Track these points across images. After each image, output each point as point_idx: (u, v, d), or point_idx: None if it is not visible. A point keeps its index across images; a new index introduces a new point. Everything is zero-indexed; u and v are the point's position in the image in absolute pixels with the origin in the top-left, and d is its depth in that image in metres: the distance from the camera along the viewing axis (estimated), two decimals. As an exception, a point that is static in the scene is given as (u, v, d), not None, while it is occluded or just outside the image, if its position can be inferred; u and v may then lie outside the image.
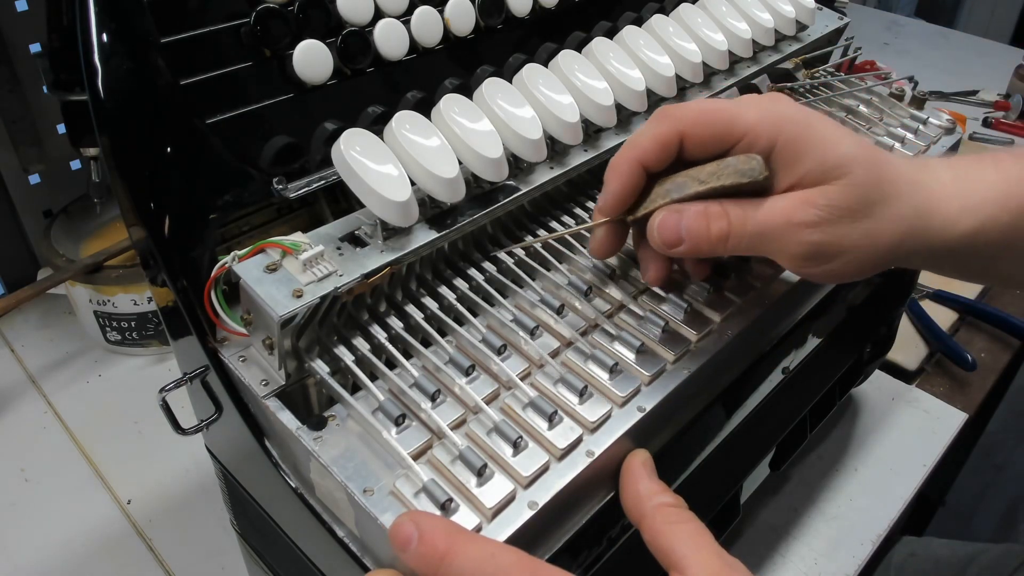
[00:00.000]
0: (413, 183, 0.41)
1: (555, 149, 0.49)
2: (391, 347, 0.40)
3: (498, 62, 0.52)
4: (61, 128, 0.85)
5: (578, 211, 0.50)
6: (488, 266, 0.45)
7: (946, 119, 0.62)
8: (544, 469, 0.35)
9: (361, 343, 0.40)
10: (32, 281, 0.84)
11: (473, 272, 0.45)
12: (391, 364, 0.39)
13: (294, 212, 0.48)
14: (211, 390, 0.41)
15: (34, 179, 0.87)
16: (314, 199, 0.47)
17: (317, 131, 0.44)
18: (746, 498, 0.60)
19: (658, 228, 0.39)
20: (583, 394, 0.38)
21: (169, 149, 0.39)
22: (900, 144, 0.59)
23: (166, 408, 0.41)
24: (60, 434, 0.76)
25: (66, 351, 0.85)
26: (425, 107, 0.44)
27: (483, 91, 0.45)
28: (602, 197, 0.41)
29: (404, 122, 0.42)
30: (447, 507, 0.33)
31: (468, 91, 0.46)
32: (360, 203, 0.40)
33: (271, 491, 0.43)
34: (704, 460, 0.47)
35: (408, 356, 0.40)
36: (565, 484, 0.35)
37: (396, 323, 0.41)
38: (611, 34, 0.53)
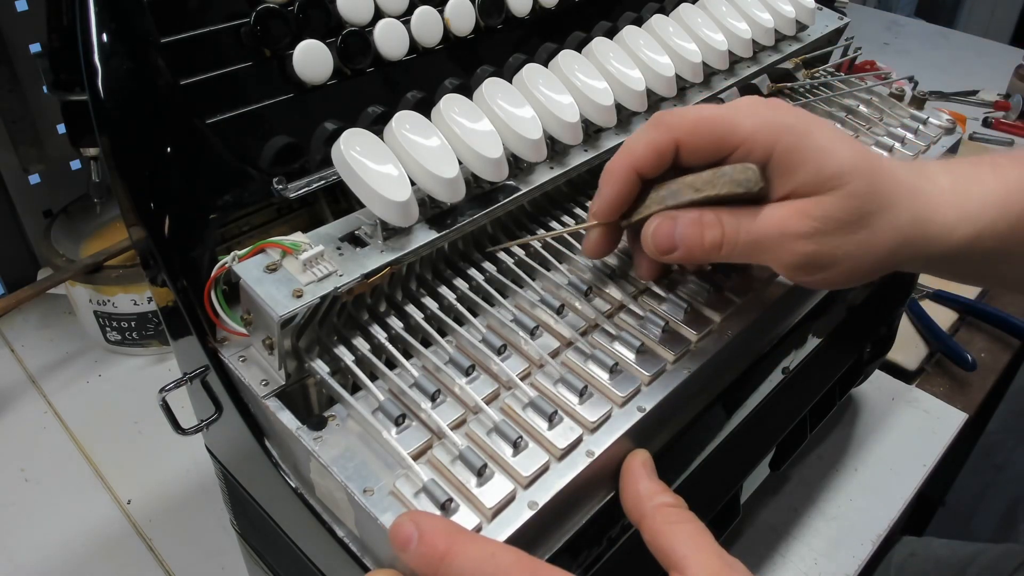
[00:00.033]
0: (413, 183, 0.41)
1: (555, 149, 0.49)
2: (391, 347, 0.40)
3: (498, 62, 0.52)
4: (61, 128, 0.85)
5: (578, 211, 0.50)
6: (488, 266, 0.45)
7: (946, 119, 0.63)
8: (544, 469, 0.35)
9: (361, 343, 0.40)
10: (32, 281, 0.84)
11: (473, 272, 0.45)
12: (391, 364, 0.39)
13: (294, 212, 0.48)
14: (211, 390, 0.41)
15: (34, 179, 0.87)
16: (314, 199, 0.47)
17: (317, 131, 0.44)
18: (746, 498, 0.60)
19: (652, 235, 0.39)
20: (583, 394, 0.38)
21: (169, 149, 0.39)
22: (900, 144, 0.59)
23: (166, 408, 0.41)
24: (60, 434, 0.76)
25: (66, 351, 0.85)
26: (425, 107, 0.44)
27: (483, 91, 0.45)
28: (596, 201, 0.41)
29: (404, 122, 0.42)
30: (447, 507, 0.33)
31: (468, 91, 0.46)
32: (360, 203, 0.40)
33: (271, 491, 0.43)
34: (704, 460, 0.47)
35: (408, 356, 0.40)
36: (565, 484, 0.35)
37: (396, 323, 0.41)
38: (611, 34, 0.53)
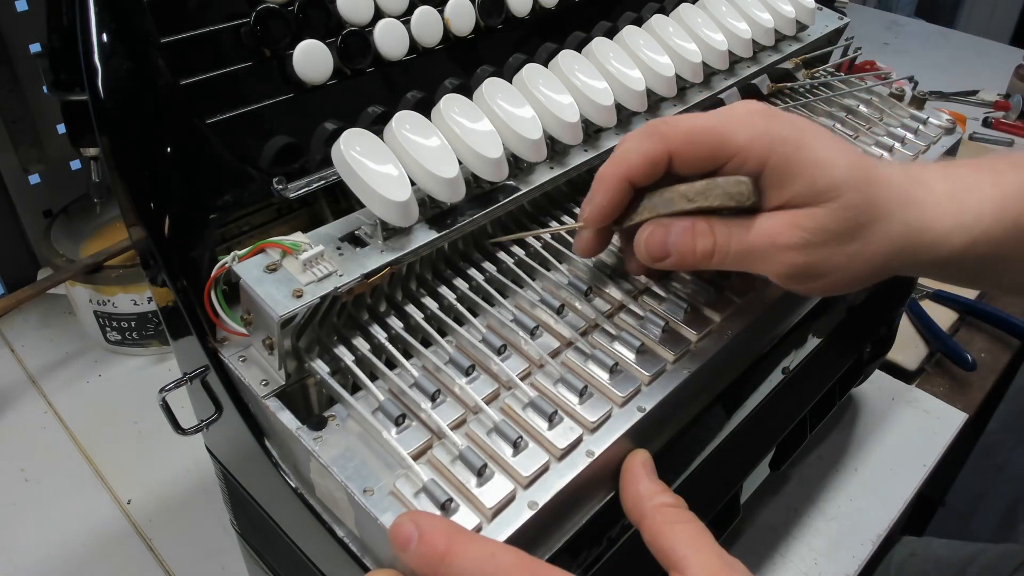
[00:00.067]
0: (413, 183, 0.41)
1: (555, 149, 0.49)
2: (391, 347, 0.40)
3: (498, 62, 0.52)
4: (61, 128, 0.85)
5: (578, 211, 0.50)
6: (488, 266, 0.45)
7: (946, 119, 0.63)
8: (544, 469, 0.35)
9: (361, 343, 0.40)
10: (32, 281, 0.84)
11: (473, 272, 0.45)
12: (391, 364, 0.39)
13: (294, 212, 0.48)
14: (211, 390, 0.41)
15: (34, 179, 0.87)
16: (314, 199, 0.47)
17: (317, 131, 0.44)
18: (746, 498, 0.60)
19: (646, 242, 0.39)
20: (583, 394, 0.38)
21: (169, 149, 0.39)
22: (900, 144, 0.59)
23: (166, 408, 0.41)
24: (60, 434, 0.76)
25: (66, 351, 0.85)
26: (425, 107, 0.44)
27: (483, 91, 0.45)
28: (588, 207, 0.41)
29: (404, 122, 0.42)
30: (447, 507, 0.33)
31: (468, 91, 0.46)
32: (360, 203, 0.40)
33: (271, 491, 0.43)
34: (704, 460, 0.47)
35: (408, 356, 0.40)
36: (565, 484, 0.35)
37: (396, 323, 0.41)
38: (611, 34, 0.53)
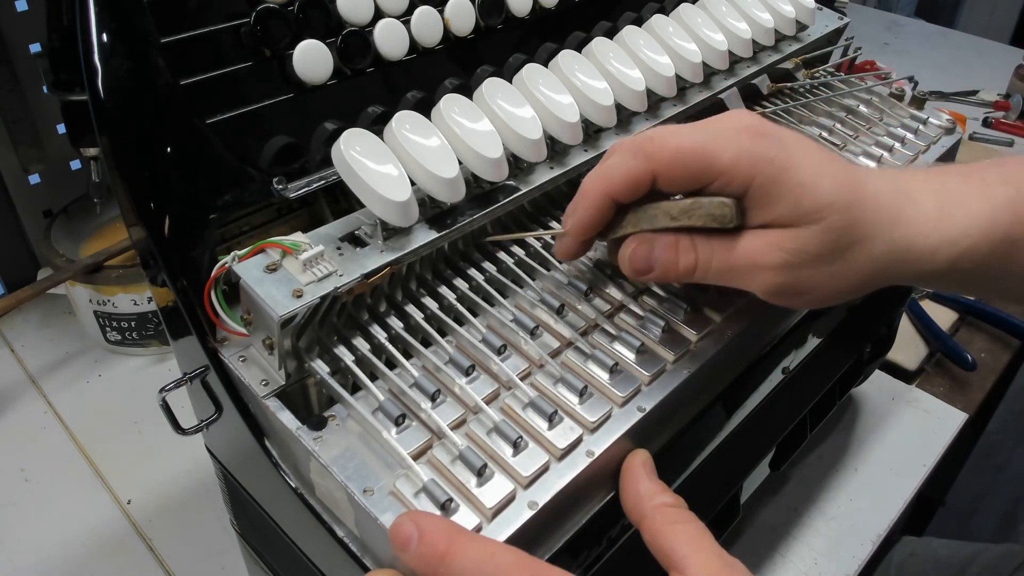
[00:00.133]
0: (413, 183, 0.41)
1: (555, 149, 0.49)
2: (391, 347, 0.40)
3: (498, 62, 0.52)
4: (61, 128, 0.85)
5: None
6: (488, 266, 0.45)
7: (946, 119, 0.63)
8: (544, 469, 0.35)
9: (361, 343, 0.40)
10: (32, 281, 0.84)
11: (473, 272, 0.45)
12: (391, 364, 0.39)
13: (294, 212, 0.48)
14: (211, 390, 0.41)
15: (34, 179, 0.87)
16: (314, 199, 0.47)
17: (317, 131, 0.44)
18: (746, 498, 0.60)
19: (630, 258, 0.40)
20: (583, 394, 0.38)
21: (169, 149, 0.39)
22: (900, 144, 0.59)
23: (166, 408, 0.41)
24: (60, 434, 0.76)
25: (66, 351, 0.85)
26: (425, 107, 0.44)
27: (483, 91, 0.45)
28: (571, 218, 0.41)
29: (404, 122, 0.42)
30: (447, 507, 0.33)
31: (468, 91, 0.46)
32: (360, 203, 0.40)
33: (271, 491, 0.43)
34: (704, 460, 0.47)
35: (408, 356, 0.40)
36: (565, 484, 0.35)
37: (396, 323, 0.41)
38: (611, 34, 0.53)
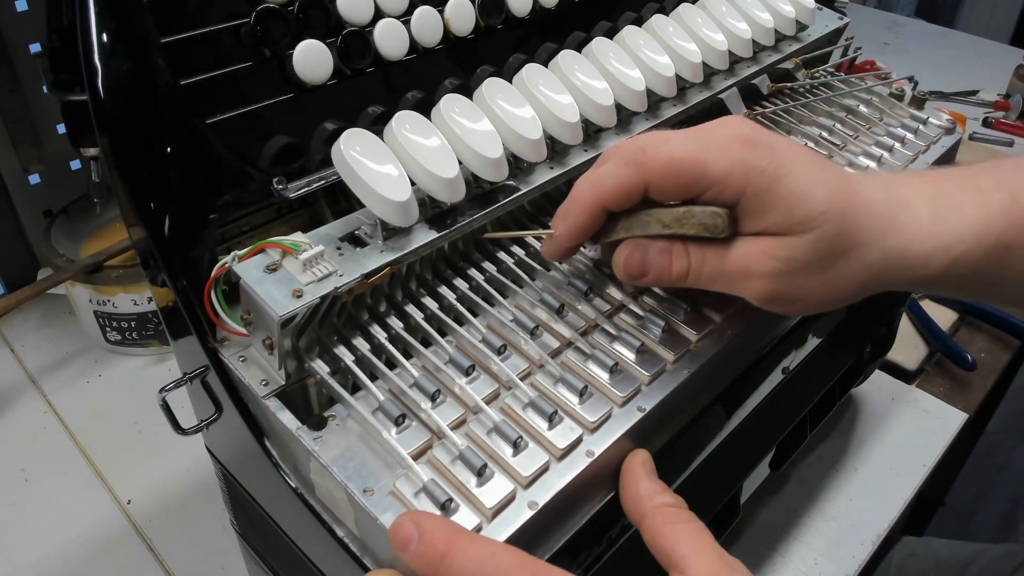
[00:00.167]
0: (413, 183, 0.41)
1: (555, 149, 0.49)
2: (391, 347, 0.40)
3: (498, 62, 0.52)
4: (61, 128, 0.85)
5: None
6: (488, 266, 0.45)
7: (946, 119, 0.63)
8: (544, 469, 0.35)
9: (361, 343, 0.40)
10: (32, 281, 0.84)
11: (473, 272, 0.45)
12: (391, 364, 0.39)
13: (294, 212, 0.48)
14: (211, 390, 0.41)
15: (34, 179, 0.87)
16: (314, 199, 0.47)
17: (317, 131, 0.44)
18: (746, 498, 0.60)
19: (624, 263, 0.40)
20: (583, 394, 0.38)
21: (169, 149, 0.39)
22: (900, 144, 0.59)
23: (166, 408, 0.41)
24: (60, 434, 0.76)
25: (66, 351, 0.85)
26: (425, 107, 0.44)
27: (483, 91, 0.45)
28: (561, 223, 0.41)
29: (404, 122, 0.42)
30: (447, 507, 0.33)
31: (468, 91, 0.46)
32: (360, 203, 0.40)
33: (271, 491, 0.43)
34: (704, 460, 0.47)
35: (408, 356, 0.40)
36: (565, 484, 0.35)
37: (396, 323, 0.41)
38: (611, 34, 0.53)
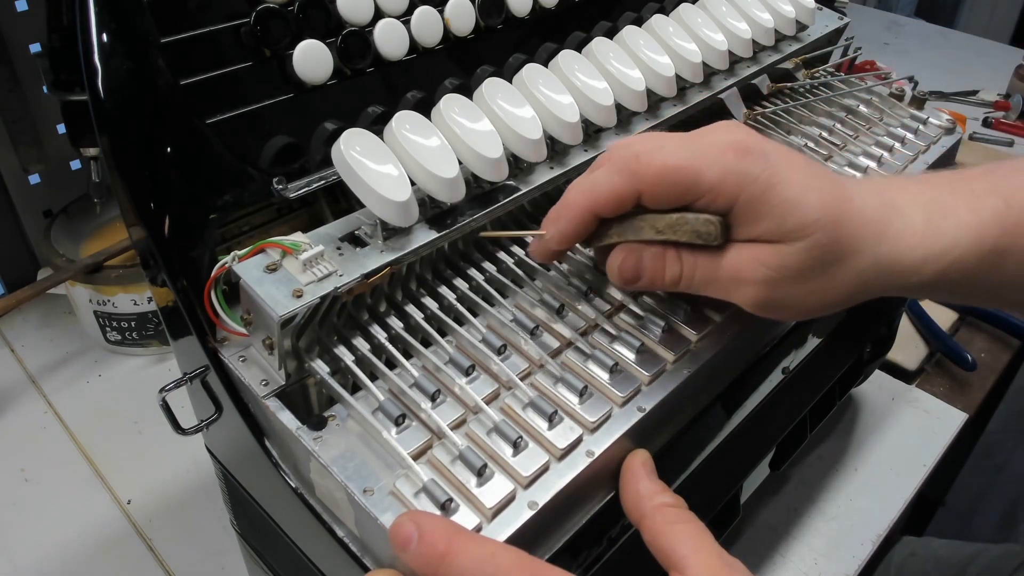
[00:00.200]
0: (413, 183, 0.41)
1: (555, 149, 0.49)
2: (391, 347, 0.40)
3: (498, 62, 0.52)
4: (61, 128, 0.85)
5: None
6: (488, 266, 0.45)
7: (946, 119, 0.63)
8: (544, 469, 0.35)
9: (361, 343, 0.40)
10: (32, 281, 0.84)
11: (473, 272, 0.45)
12: (391, 364, 0.39)
13: (294, 212, 0.48)
14: (211, 390, 0.41)
15: (34, 179, 0.87)
16: (314, 199, 0.47)
17: (317, 131, 0.44)
18: (746, 498, 0.60)
19: (619, 267, 0.40)
20: (583, 394, 0.38)
21: (169, 149, 0.39)
22: (900, 144, 0.59)
23: (166, 408, 0.41)
24: (60, 434, 0.76)
25: (66, 351, 0.85)
26: (425, 107, 0.44)
27: (483, 91, 0.45)
28: (552, 226, 0.40)
29: (404, 122, 0.42)
30: (447, 507, 0.33)
31: (468, 91, 0.46)
32: (360, 203, 0.40)
33: (271, 491, 0.43)
34: (704, 460, 0.47)
35: (408, 356, 0.40)
36: (565, 484, 0.35)
37: (396, 323, 0.41)
38: (611, 34, 0.53)
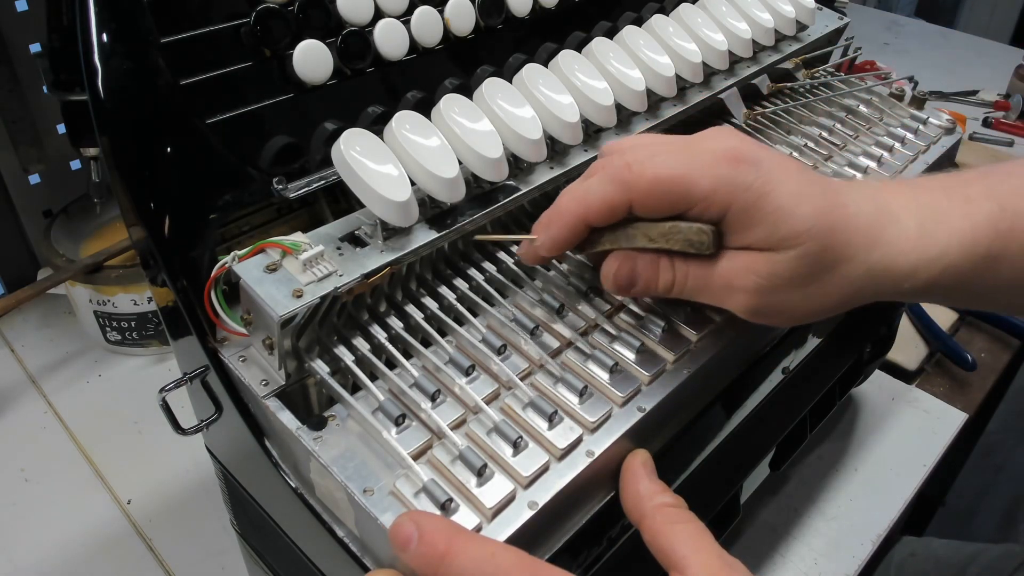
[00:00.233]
0: (413, 183, 0.41)
1: (555, 149, 0.49)
2: (391, 347, 0.40)
3: (498, 62, 0.52)
4: (61, 128, 0.85)
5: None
6: (488, 266, 0.45)
7: (946, 119, 0.63)
8: (544, 469, 0.35)
9: (361, 343, 0.40)
10: (32, 281, 0.84)
11: (473, 272, 0.45)
12: (391, 364, 0.39)
13: (294, 212, 0.48)
14: (211, 390, 0.41)
15: (34, 179, 0.87)
16: (314, 199, 0.47)
17: (317, 131, 0.44)
18: (746, 498, 0.60)
19: (614, 275, 0.40)
20: (583, 394, 0.38)
21: (169, 149, 0.39)
22: (900, 144, 0.59)
23: (166, 408, 0.41)
24: (60, 434, 0.76)
25: (66, 351, 0.85)
26: (425, 107, 0.44)
27: (483, 91, 0.45)
28: (543, 232, 0.40)
29: (404, 122, 0.42)
30: (447, 507, 0.33)
31: (468, 91, 0.46)
32: (360, 203, 0.40)
33: (271, 491, 0.43)
34: (704, 460, 0.47)
35: (408, 356, 0.40)
36: (565, 484, 0.35)
37: (396, 323, 0.41)
38: (611, 34, 0.53)
